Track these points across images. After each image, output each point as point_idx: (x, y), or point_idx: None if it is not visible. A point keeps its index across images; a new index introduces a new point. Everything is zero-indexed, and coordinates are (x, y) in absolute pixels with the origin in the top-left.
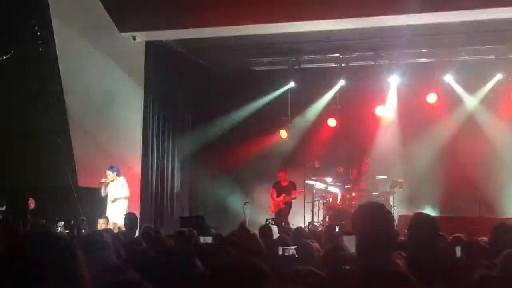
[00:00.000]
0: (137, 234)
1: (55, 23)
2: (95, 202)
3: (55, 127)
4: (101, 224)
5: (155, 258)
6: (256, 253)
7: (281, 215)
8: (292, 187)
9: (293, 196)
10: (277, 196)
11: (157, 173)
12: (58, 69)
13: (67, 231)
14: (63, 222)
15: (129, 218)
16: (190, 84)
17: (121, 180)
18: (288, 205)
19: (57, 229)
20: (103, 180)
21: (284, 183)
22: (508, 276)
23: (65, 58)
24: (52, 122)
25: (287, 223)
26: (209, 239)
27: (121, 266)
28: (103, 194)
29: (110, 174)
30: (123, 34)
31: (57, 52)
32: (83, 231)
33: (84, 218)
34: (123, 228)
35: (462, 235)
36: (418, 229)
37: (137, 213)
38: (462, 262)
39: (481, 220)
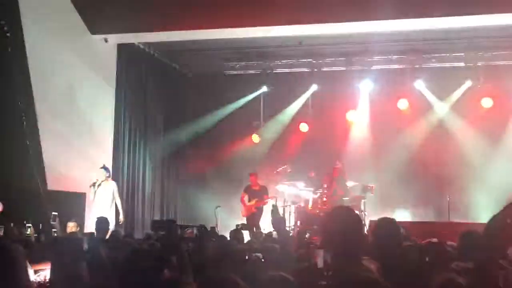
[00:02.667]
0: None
1: (25, 24)
2: (65, 205)
3: (24, 129)
4: (71, 228)
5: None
6: None
7: (253, 220)
8: (263, 191)
9: (265, 201)
10: (249, 201)
11: (128, 176)
12: (28, 70)
13: (36, 235)
14: (31, 226)
15: (100, 221)
16: (162, 87)
17: (113, 184)
18: (260, 210)
19: (26, 232)
20: (95, 180)
21: (256, 188)
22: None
23: (35, 60)
24: (21, 124)
25: (258, 228)
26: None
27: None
28: (92, 195)
29: (102, 173)
30: (94, 36)
31: (27, 53)
32: (54, 234)
33: (54, 222)
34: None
35: (431, 240)
36: (382, 233)
37: None
38: (429, 266)
39: (450, 225)
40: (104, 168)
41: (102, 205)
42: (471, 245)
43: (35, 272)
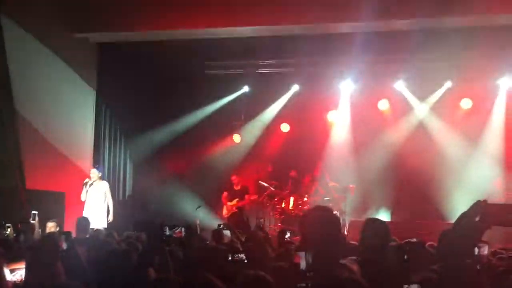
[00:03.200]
0: None
1: (4, 21)
2: (45, 204)
3: (3, 128)
4: (49, 228)
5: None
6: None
7: (234, 220)
8: (245, 191)
9: (246, 200)
10: (230, 200)
11: (108, 176)
12: (8, 69)
13: (15, 234)
14: (11, 226)
15: (82, 221)
16: (143, 87)
17: (105, 184)
18: (241, 210)
19: (5, 233)
20: (86, 180)
21: (237, 187)
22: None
23: (15, 58)
24: (0, 123)
25: (240, 227)
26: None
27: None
28: (83, 194)
29: (95, 173)
30: (75, 35)
31: (7, 52)
32: (33, 234)
33: (34, 221)
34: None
35: (412, 240)
36: (370, 233)
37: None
38: (408, 265)
39: (431, 225)
40: (97, 168)
41: (94, 204)
42: (449, 244)
43: (11, 271)
